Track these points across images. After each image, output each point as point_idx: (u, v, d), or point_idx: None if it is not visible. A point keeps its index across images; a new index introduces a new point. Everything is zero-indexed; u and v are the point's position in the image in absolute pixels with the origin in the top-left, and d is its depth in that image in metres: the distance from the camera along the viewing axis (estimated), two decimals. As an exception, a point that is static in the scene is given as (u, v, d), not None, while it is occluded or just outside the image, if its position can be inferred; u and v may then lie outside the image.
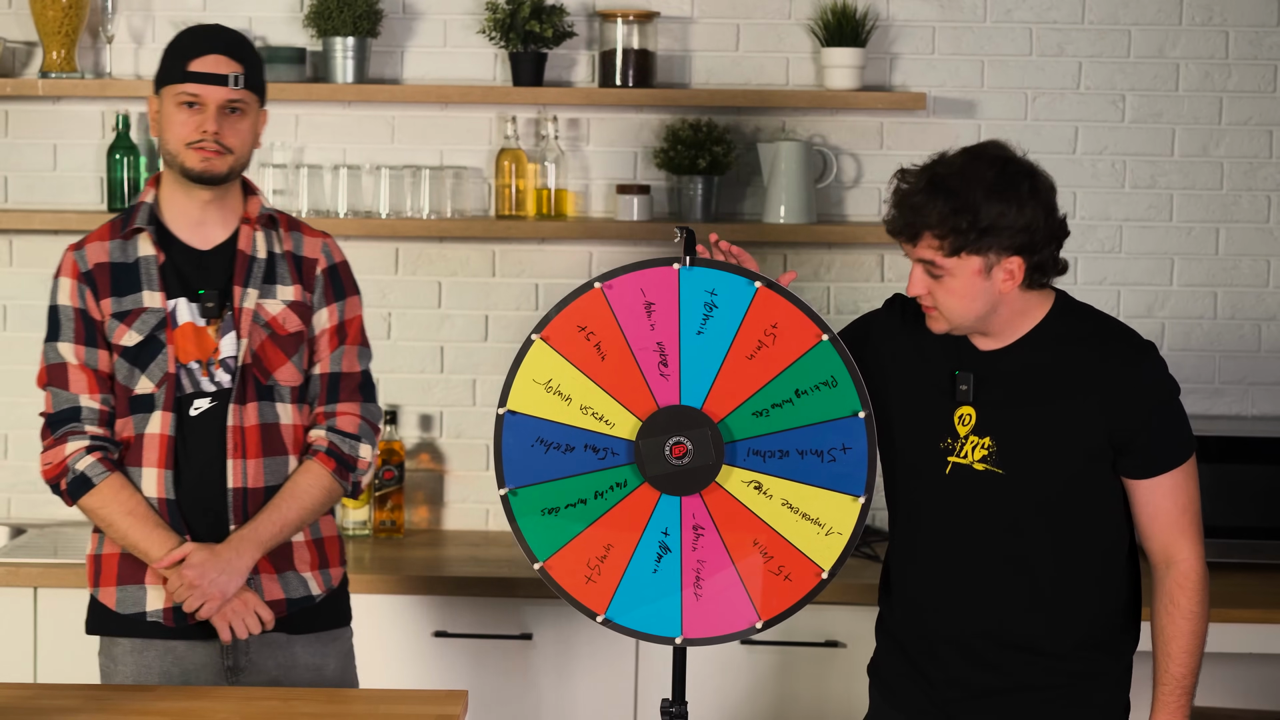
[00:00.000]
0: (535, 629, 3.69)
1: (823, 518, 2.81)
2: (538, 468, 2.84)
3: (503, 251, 4.11)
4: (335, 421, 3.00)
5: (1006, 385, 2.75)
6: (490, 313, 4.12)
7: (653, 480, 2.84)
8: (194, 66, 2.89)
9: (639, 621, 2.85)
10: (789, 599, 2.83)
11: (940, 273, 2.67)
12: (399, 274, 4.12)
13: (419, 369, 4.14)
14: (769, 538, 2.83)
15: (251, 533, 2.91)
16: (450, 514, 4.17)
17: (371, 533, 4.06)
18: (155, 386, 2.90)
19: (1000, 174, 2.65)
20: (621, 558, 2.85)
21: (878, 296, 4.07)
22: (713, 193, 4.01)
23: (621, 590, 2.85)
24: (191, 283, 2.93)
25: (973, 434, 2.76)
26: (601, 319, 2.83)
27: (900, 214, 2.70)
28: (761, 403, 2.83)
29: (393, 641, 3.69)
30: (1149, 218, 4.13)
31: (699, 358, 2.83)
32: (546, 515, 2.86)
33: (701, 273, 2.82)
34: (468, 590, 3.68)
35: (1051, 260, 2.70)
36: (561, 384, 2.83)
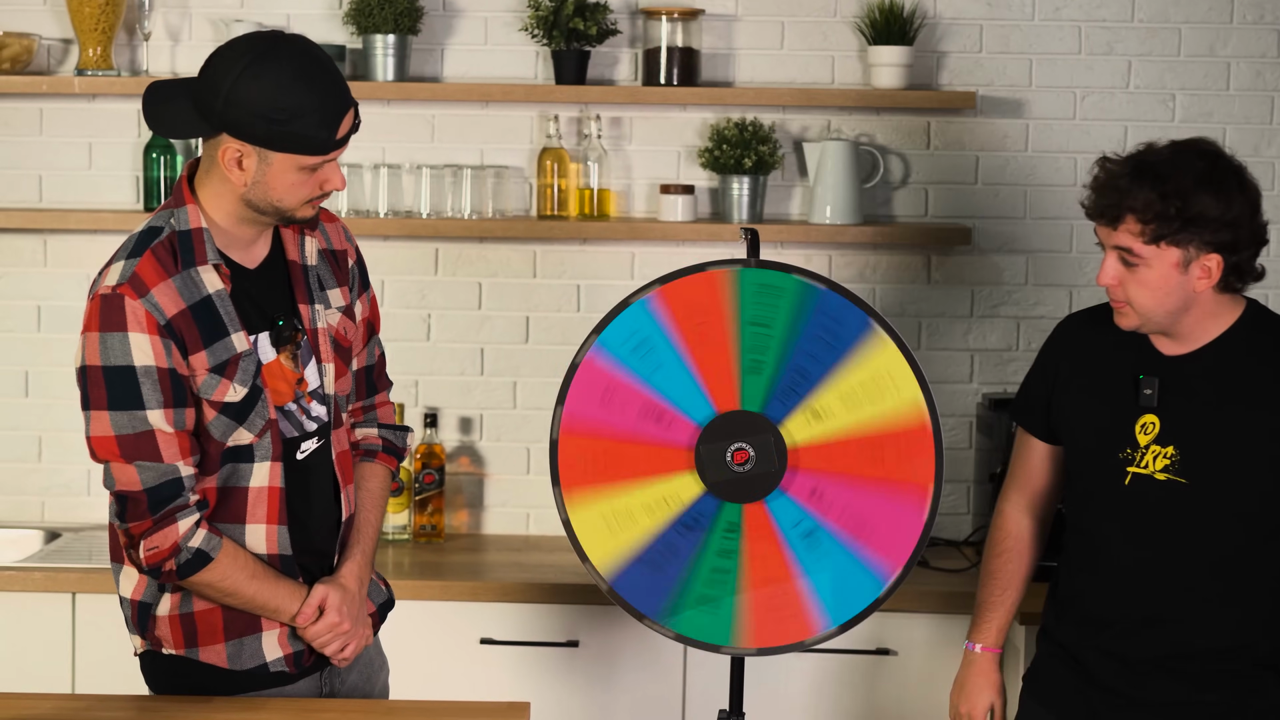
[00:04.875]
0: (582, 635, 3.63)
1: (878, 377, 2.80)
2: (663, 583, 2.80)
3: (544, 252, 4.05)
4: (378, 415, 2.88)
5: (1192, 391, 2.69)
6: (531, 314, 4.07)
7: (713, 487, 2.80)
8: (341, 133, 2.53)
9: (852, 603, 2.82)
10: (927, 465, 2.79)
11: (1136, 261, 2.61)
12: (439, 275, 4.06)
13: (459, 371, 4.08)
14: (865, 443, 2.80)
15: (363, 556, 2.75)
16: (491, 518, 4.11)
17: (411, 537, 4.01)
18: (255, 437, 2.59)
19: (1212, 166, 2.61)
20: (789, 579, 2.80)
21: (924, 299, 4.04)
22: (758, 193, 3.95)
23: (820, 596, 2.80)
24: (263, 310, 2.62)
25: (1155, 443, 2.70)
26: (586, 444, 2.82)
27: (1103, 196, 2.64)
28: (747, 360, 2.82)
29: (440, 649, 3.64)
30: (1199, 219, 4.06)
31: (674, 384, 2.82)
32: (706, 605, 2.81)
33: (610, 331, 2.80)
34: (512, 596, 3.63)
35: (1249, 264, 2.64)
36: (615, 510, 2.79)
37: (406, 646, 3.61)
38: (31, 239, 4.04)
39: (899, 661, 3.63)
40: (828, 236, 3.93)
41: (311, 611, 2.66)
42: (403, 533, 4.00)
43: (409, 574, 3.75)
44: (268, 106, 2.47)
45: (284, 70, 2.48)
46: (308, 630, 2.66)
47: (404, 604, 3.59)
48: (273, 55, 2.48)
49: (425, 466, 3.98)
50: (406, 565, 3.83)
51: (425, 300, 4.06)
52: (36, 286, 4.05)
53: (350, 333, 2.75)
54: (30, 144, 4.04)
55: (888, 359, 2.77)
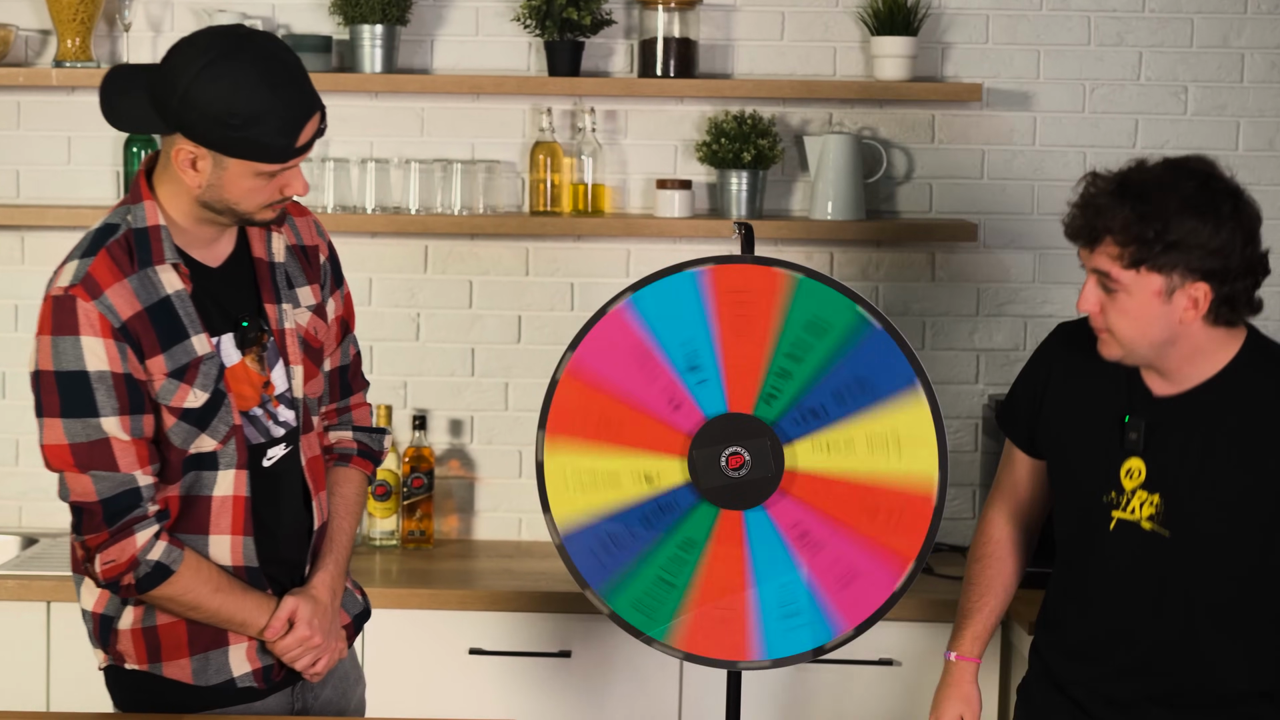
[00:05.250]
0: (574, 645, 3.51)
1: (900, 434, 2.67)
2: (617, 559, 2.70)
3: (537, 249, 3.94)
4: (353, 417, 2.76)
5: (1182, 438, 2.51)
6: (524, 313, 3.96)
7: (708, 494, 2.69)
8: (302, 141, 2.40)
9: (794, 644, 2.69)
10: (919, 531, 2.67)
11: (1115, 287, 2.44)
12: (428, 272, 3.95)
13: (449, 372, 3.97)
14: (865, 492, 2.68)
15: (335, 566, 2.62)
16: (481, 523, 4.00)
17: (400, 543, 3.89)
18: (219, 444, 2.47)
19: (1201, 188, 2.42)
20: (744, 593, 2.69)
21: (929, 297, 3.92)
22: (757, 188, 3.84)
23: (765, 621, 2.69)
24: (226, 310, 2.50)
25: (1141, 489, 2.54)
26: (589, 394, 2.68)
27: (1081, 214, 2.47)
28: (778, 365, 2.67)
29: (428, 659, 3.53)
30: (1213, 214, 3.94)
31: (698, 365, 2.67)
32: (647, 596, 2.70)
33: (644, 295, 2.67)
34: (503, 605, 3.52)
35: (1244, 295, 2.45)
36: (596, 468, 2.68)
37: (393, 657, 3.51)
38: (8, 236, 3.93)
39: (903, 672, 3.51)
40: (829, 233, 3.81)
41: (280, 625, 2.54)
42: (390, 538, 3.89)
43: (397, 581, 3.64)
44: (224, 111, 2.34)
45: (244, 73, 2.35)
46: (277, 644, 2.55)
47: (391, 613, 3.50)
48: (234, 55, 2.35)
49: (414, 470, 3.87)
50: (394, 572, 3.71)
51: (414, 299, 3.95)
52: (14, 284, 3.94)
53: (321, 332, 2.64)
54: (7, 138, 3.93)
55: (918, 420, 2.67)
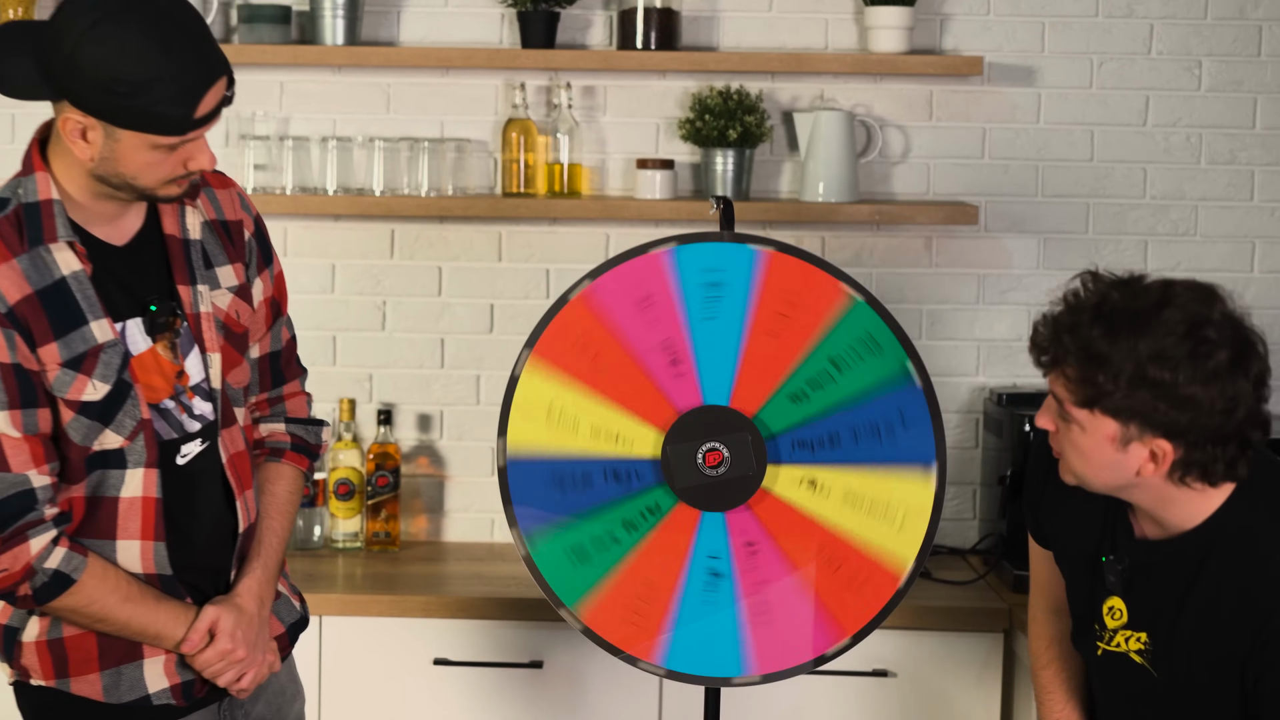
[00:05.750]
0: (546, 656, 3.29)
1: (893, 503, 2.43)
2: (554, 507, 2.46)
3: (510, 233, 3.72)
4: (286, 408, 2.53)
5: (1165, 584, 2.25)
6: (496, 301, 3.73)
7: (684, 494, 2.47)
8: (201, 111, 2.17)
9: (699, 664, 2.46)
10: (868, 610, 2.44)
11: (1069, 419, 2.18)
12: (395, 258, 3.73)
13: (417, 364, 3.74)
14: (834, 544, 2.44)
15: (264, 572, 2.40)
16: (451, 524, 3.77)
17: (364, 545, 3.67)
18: (126, 440, 2.25)
19: (1191, 331, 2.09)
20: (666, 593, 2.46)
21: (926, 284, 3.70)
22: (744, 168, 3.61)
23: (677, 631, 2.47)
24: (132, 293, 2.27)
25: (1126, 628, 2.30)
26: (593, 327, 2.45)
27: (1044, 328, 2.19)
28: (797, 384, 2.45)
29: (389, 669, 3.30)
30: (1228, 196, 3.72)
31: (714, 347, 2.44)
32: (573, 559, 2.47)
33: (694, 250, 2.43)
34: (471, 612, 3.29)
35: (1222, 462, 2.13)
36: (565, 407, 2.45)
37: (352, 667, 3.29)
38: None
39: (898, 684, 3.29)
40: (820, 215, 3.59)
41: (199, 637, 2.31)
42: (354, 540, 3.66)
43: (360, 586, 3.41)
44: (109, 77, 2.11)
45: (132, 34, 2.10)
46: (196, 659, 2.32)
47: (351, 620, 3.29)
48: (122, 16, 2.11)
49: (379, 468, 3.64)
50: (358, 576, 3.49)
51: (379, 286, 3.73)
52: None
53: (245, 316, 2.41)
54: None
55: (919, 501, 2.44)
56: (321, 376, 3.72)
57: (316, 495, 3.65)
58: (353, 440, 3.67)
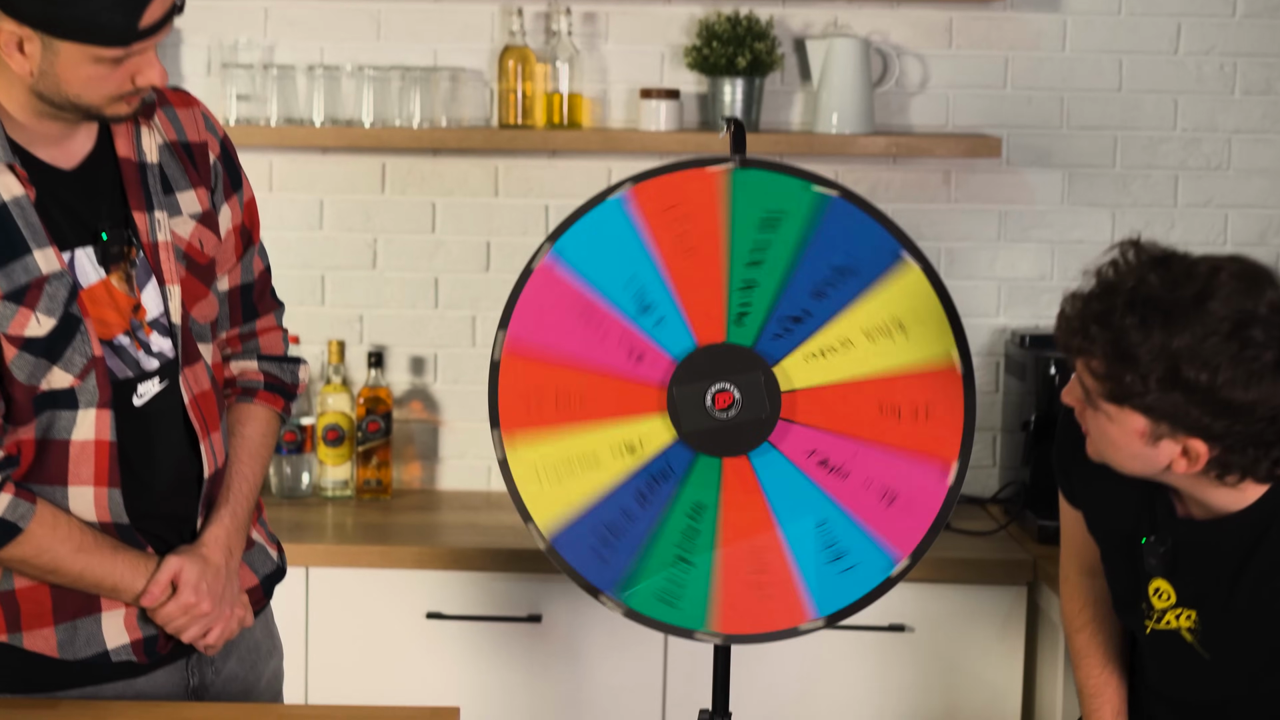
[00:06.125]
0: (545, 609, 3.13)
1: (899, 311, 2.29)
2: (622, 558, 2.29)
3: (507, 167, 3.53)
4: (259, 344, 2.35)
5: (1214, 564, 2.07)
6: (493, 239, 3.56)
7: (689, 438, 2.29)
8: (147, 21, 1.99)
9: (849, 589, 2.31)
10: (954, 421, 2.28)
11: (1097, 407, 2.00)
12: (386, 193, 3.55)
13: (409, 304, 3.57)
14: (879, 392, 2.29)
15: (232, 520, 2.22)
16: (446, 471, 3.61)
17: (354, 494, 3.50)
18: (76, 379, 2.06)
19: (1236, 330, 1.88)
20: (778, 554, 2.29)
21: (945, 221, 3.52)
22: (753, 98, 3.43)
23: (808, 575, 2.30)
24: (82, 220, 2.09)
25: (1175, 607, 2.12)
26: (537, 368, 2.30)
27: (1072, 312, 1.98)
28: (740, 277, 2.27)
29: (379, 624, 3.14)
30: (1263, 128, 3.54)
31: (650, 304, 2.28)
32: (674, 589, 2.30)
33: (568, 241, 2.28)
34: (466, 563, 3.13)
35: (1261, 463, 1.95)
36: (566, 456, 2.28)
37: (340, 621, 3.14)
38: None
39: (915, 640, 3.12)
40: (834, 148, 3.40)
41: (160, 590, 2.13)
42: (344, 489, 3.49)
43: (350, 536, 3.25)
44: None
45: None
46: (158, 612, 2.15)
47: (340, 572, 3.14)
48: None
49: (370, 413, 3.48)
50: (348, 526, 3.33)
51: (370, 223, 3.55)
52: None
53: (210, 246, 2.22)
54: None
55: (917, 293, 2.26)
56: (309, 318, 3.55)
57: (304, 442, 3.48)
58: (342, 384, 3.50)
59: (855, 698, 3.14)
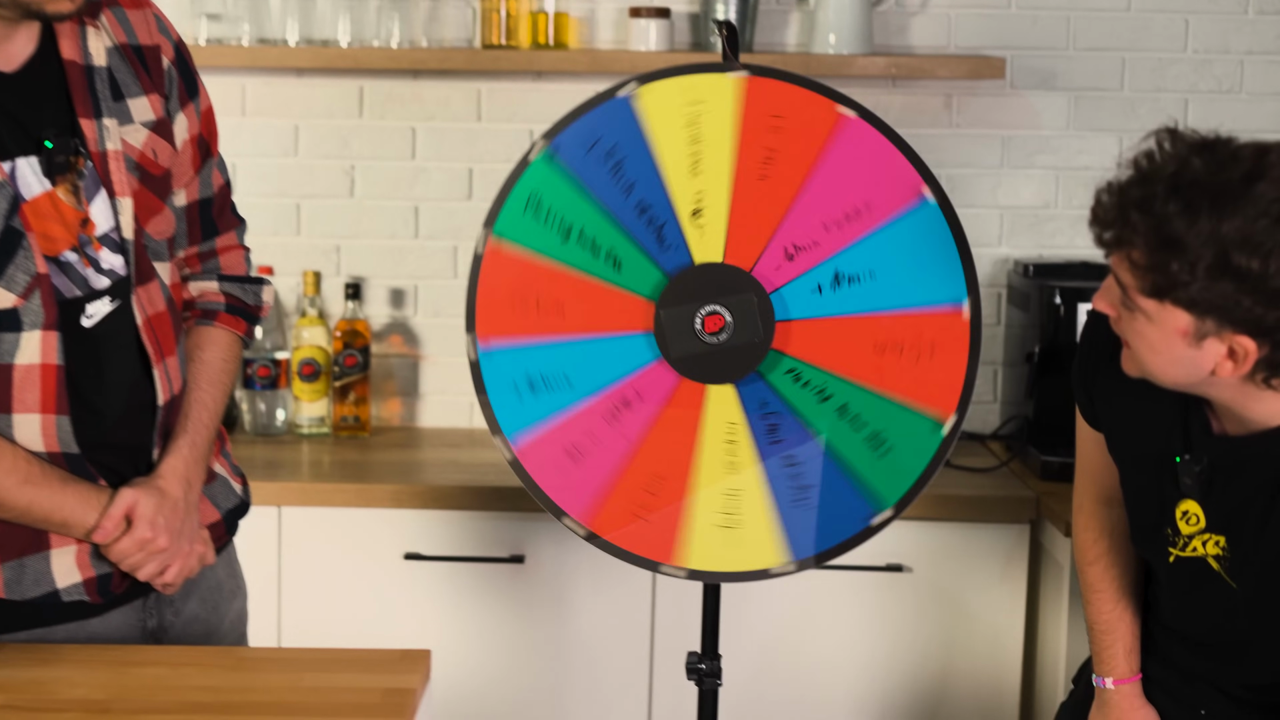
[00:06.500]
0: (528, 549, 3.00)
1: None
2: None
3: (490, 90, 3.39)
4: (220, 263, 2.20)
5: (1250, 485, 1.94)
6: (475, 165, 3.42)
7: (678, 363, 2.15)
8: None
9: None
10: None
11: (1134, 306, 1.86)
12: (364, 118, 3.40)
13: (388, 234, 3.43)
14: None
15: (191, 450, 2.08)
16: (426, 408, 3.48)
17: (331, 431, 3.37)
18: (19, 299, 1.92)
19: None
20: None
21: (946, 146, 3.38)
22: (747, 16, 3.28)
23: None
24: (24, 128, 1.94)
25: (1204, 532, 2.00)
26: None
27: (1109, 200, 1.84)
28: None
29: (354, 565, 3.01)
30: (1277, 50, 3.39)
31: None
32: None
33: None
34: (446, 502, 3.00)
35: None
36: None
37: (315, 562, 3.02)
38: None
39: (914, 580, 3.00)
40: (831, 69, 3.26)
41: (114, 524, 2.00)
42: (320, 425, 3.36)
43: (326, 475, 3.12)
44: None
45: None
46: (111, 549, 2.01)
47: (314, 511, 3.02)
48: None
49: (347, 346, 3.34)
50: (325, 464, 3.20)
51: (347, 149, 3.41)
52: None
53: (165, 156, 2.06)
54: None
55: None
56: (284, 248, 3.41)
57: (279, 377, 3.35)
58: (318, 316, 3.37)
59: (851, 640, 3.02)
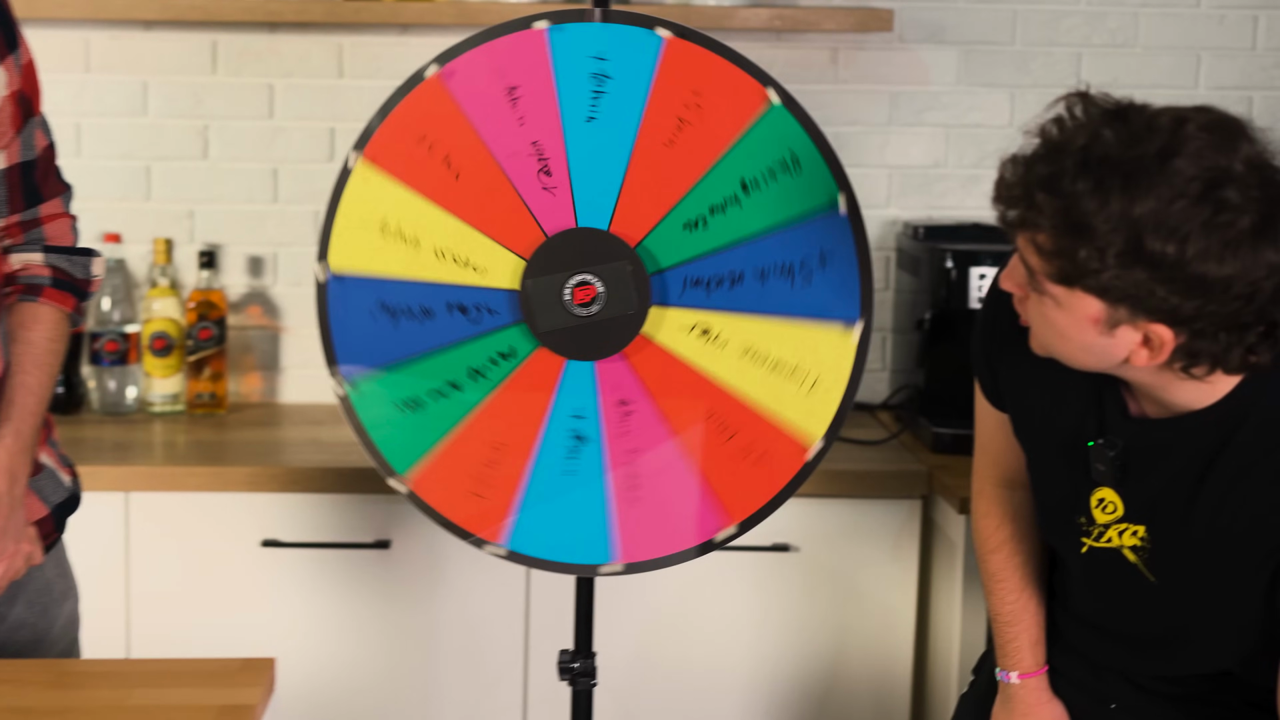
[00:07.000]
0: (394, 534, 2.83)
1: (804, 362, 1.98)
2: (385, 346, 2.00)
3: (353, 45, 3.20)
4: (44, 233, 2.01)
5: (1172, 470, 1.80)
6: (337, 125, 3.23)
7: (548, 339, 2.00)
8: None
9: (555, 548, 2.01)
10: (767, 490, 2.00)
11: (1042, 290, 1.70)
12: (217, 74, 3.20)
13: (245, 198, 3.23)
14: (729, 405, 1.99)
15: (15, 440, 1.89)
16: (288, 382, 3.29)
17: (186, 409, 3.17)
18: None
19: (1208, 191, 1.58)
20: (519, 459, 2.00)
21: (832, 103, 3.23)
22: (622, -34, 3.11)
23: (525, 506, 2.01)
24: None
25: (1121, 521, 1.86)
26: (447, 121, 1.97)
27: (1012, 176, 1.67)
28: (695, 208, 1.99)
29: (209, 554, 2.83)
30: (1171, 2, 3.28)
31: (595, 155, 1.97)
32: (405, 411, 2.00)
33: (579, 30, 1.96)
34: (307, 485, 2.82)
35: (1233, 349, 1.66)
36: (403, 222, 1.98)
37: (166, 551, 2.83)
38: None
39: (801, 560, 2.87)
40: (711, 21, 3.10)
41: None
42: (174, 403, 3.16)
43: (179, 457, 2.93)
44: None
45: None
46: None
47: (165, 497, 2.83)
48: None
49: (201, 319, 3.14)
50: (179, 445, 3.00)
51: (200, 108, 3.20)
52: None
53: None
54: None
55: (835, 360, 1.97)
56: (133, 214, 3.21)
57: (128, 351, 3.15)
58: (170, 287, 3.16)
59: (736, 625, 2.88)
